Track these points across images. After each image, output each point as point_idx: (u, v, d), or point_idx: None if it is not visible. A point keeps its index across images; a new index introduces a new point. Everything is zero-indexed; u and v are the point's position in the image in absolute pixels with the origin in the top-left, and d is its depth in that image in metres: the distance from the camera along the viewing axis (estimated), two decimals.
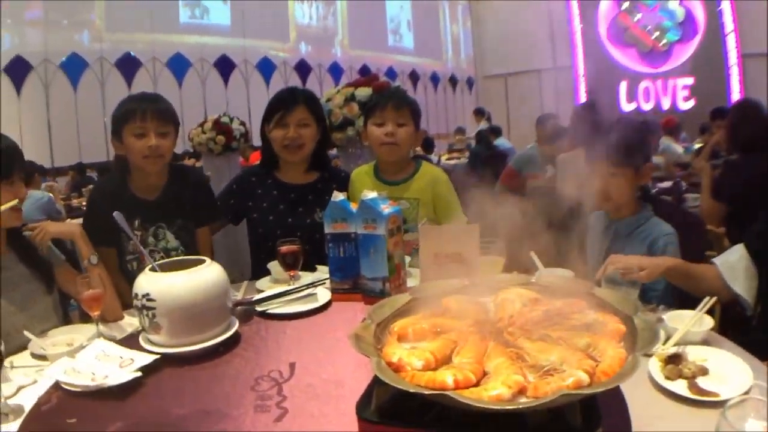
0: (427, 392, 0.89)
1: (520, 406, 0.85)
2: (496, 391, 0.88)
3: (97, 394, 1.42)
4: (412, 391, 0.90)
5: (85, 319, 2.01)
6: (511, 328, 1.09)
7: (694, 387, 1.21)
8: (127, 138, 2.23)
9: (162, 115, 2.25)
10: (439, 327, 1.14)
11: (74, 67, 9.78)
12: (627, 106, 14.10)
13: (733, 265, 1.76)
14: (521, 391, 0.90)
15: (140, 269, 1.75)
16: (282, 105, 2.50)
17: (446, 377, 0.93)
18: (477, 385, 0.93)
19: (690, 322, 1.48)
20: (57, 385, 1.48)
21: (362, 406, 1.00)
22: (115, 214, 1.91)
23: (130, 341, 1.70)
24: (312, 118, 2.54)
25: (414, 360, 0.99)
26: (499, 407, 0.85)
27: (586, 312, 1.13)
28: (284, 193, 2.58)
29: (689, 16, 13.35)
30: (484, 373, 0.96)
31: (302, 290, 2.02)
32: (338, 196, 2.02)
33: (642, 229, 2.13)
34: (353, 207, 1.97)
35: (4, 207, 1.74)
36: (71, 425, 1.30)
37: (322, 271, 2.25)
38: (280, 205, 2.56)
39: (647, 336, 0.97)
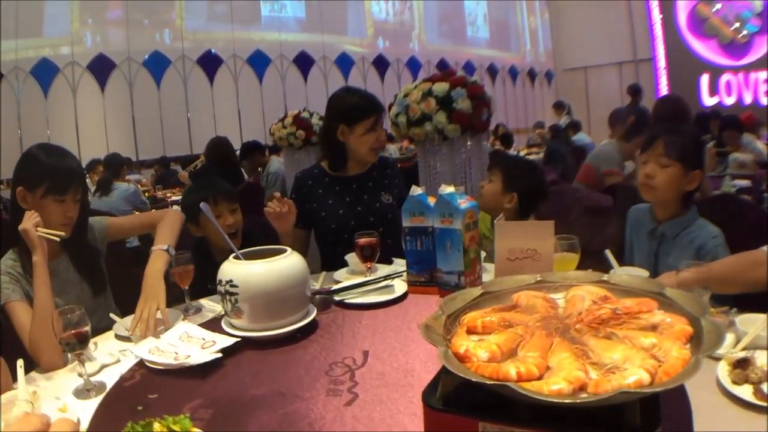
0: (489, 382, 0.91)
1: (578, 401, 0.86)
2: (556, 385, 0.90)
3: (178, 373, 1.51)
4: (474, 380, 0.92)
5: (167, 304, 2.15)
6: (579, 325, 1.09)
7: (759, 392, 1.19)
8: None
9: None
10: (507, 321, 1.15)
11: (157, 64, 10.14)
12: (709, 100, 13.56)
13: None
14: (582, 387, 0.91)
15: None
16: (373, 111, 2.59)
17: (510, 369, 0.94)
18: (540, 378, 0.94)
19: (760, 326, 1.44)
20: (141, 363, 1.58)
21: (428, 393, 1.02)
22: (202, 205, 2.05)
23: (213, 325, 1.80)
24: None
25: (480, 351, 1.01)
26: (557, 401, 0.86)
27: (654, 312, 1.12)
28: (346, 186, 2.67)
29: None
30: (548, 368, 0.97)
31: (380, 282, 2.07)
32: (416, 190, 2.05)
33: (688, 231, 2.12)
34: (431, 201, 2.00)
35: (45, 232, 1.83)
36: (152, 400, 1.39)
37: (399, 264, 2.31)
38: (347, 198, 2.64)
39: (713, 338, 0.95)
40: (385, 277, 2.10)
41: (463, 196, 1.95)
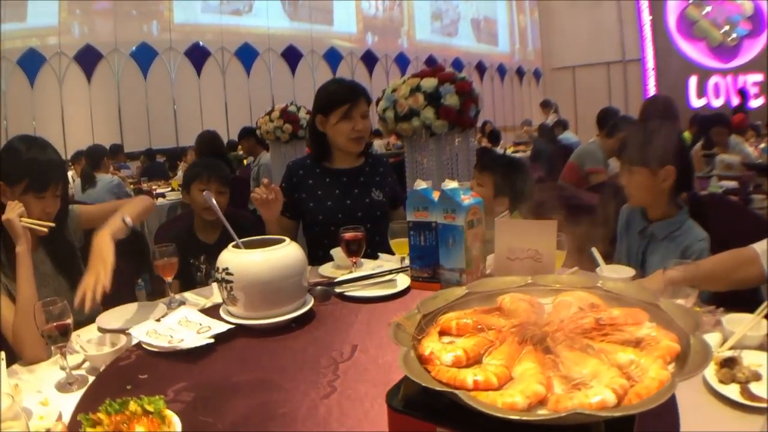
0: (439, 388, 0.88)
1: (531, 418, 0.81)
2: (510, 398, 0.84)
3: (171, 356, 1.53)
4: (424, 385, 0.88)
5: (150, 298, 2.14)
6: (558, 334, 1.01)
7: (745, 392, 1.20)
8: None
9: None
10: (482, 324, 1.09)
11: (144, 56, 10.10)
12: (697, 102, 13.70)
13: None
14: (542, 402, 0.86)
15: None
16: (346, 99, 2.56)
17: (467, 377, 0.90)
18: (498, 389, 0.89)
19: (747, 326, 1.45)
20: (139, 345, 1.61)
21: (392, 394, 1.00)
22: (205, 193, 2.14)
23: (214, 311, 1.80)
24: (368, 110, 2.65)
25: (445, 355, 0.97)
26: (505, 416, 0.81)
27: (642, 325, 1.05)
28: (336, 178, 2.66)
29: (758, 11, 12.84)
30: (511, 378, 0.92)
31: (383, 275, 2.06)
32: (421, 184, 2.00)
33: (678, 233, 2.13)
34: (435, 196, 1.96)
35: (31, 223, 1.82)
36: (142, 380, 1.42)
37: (384, 259, 2.32)
38: (336, 191, 2.63)
39: (699, 359, 0.89)
40: (389, 272, 2.08)
41: (467, 191, 1.91)
